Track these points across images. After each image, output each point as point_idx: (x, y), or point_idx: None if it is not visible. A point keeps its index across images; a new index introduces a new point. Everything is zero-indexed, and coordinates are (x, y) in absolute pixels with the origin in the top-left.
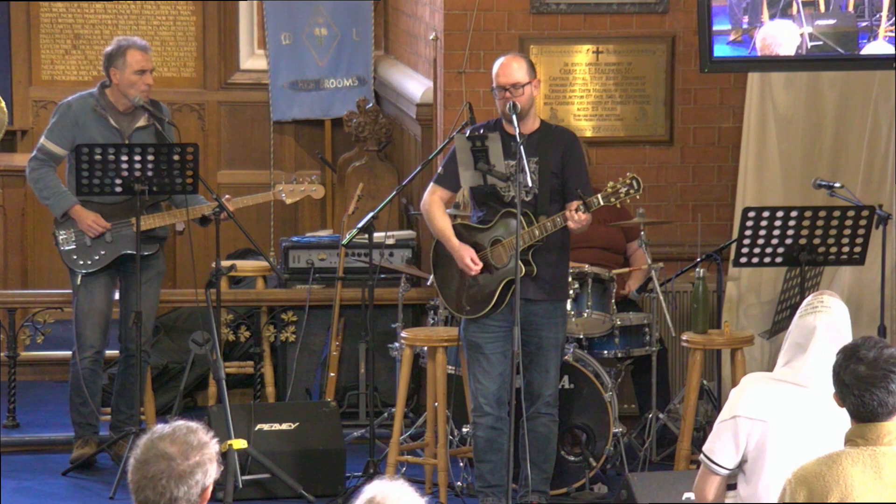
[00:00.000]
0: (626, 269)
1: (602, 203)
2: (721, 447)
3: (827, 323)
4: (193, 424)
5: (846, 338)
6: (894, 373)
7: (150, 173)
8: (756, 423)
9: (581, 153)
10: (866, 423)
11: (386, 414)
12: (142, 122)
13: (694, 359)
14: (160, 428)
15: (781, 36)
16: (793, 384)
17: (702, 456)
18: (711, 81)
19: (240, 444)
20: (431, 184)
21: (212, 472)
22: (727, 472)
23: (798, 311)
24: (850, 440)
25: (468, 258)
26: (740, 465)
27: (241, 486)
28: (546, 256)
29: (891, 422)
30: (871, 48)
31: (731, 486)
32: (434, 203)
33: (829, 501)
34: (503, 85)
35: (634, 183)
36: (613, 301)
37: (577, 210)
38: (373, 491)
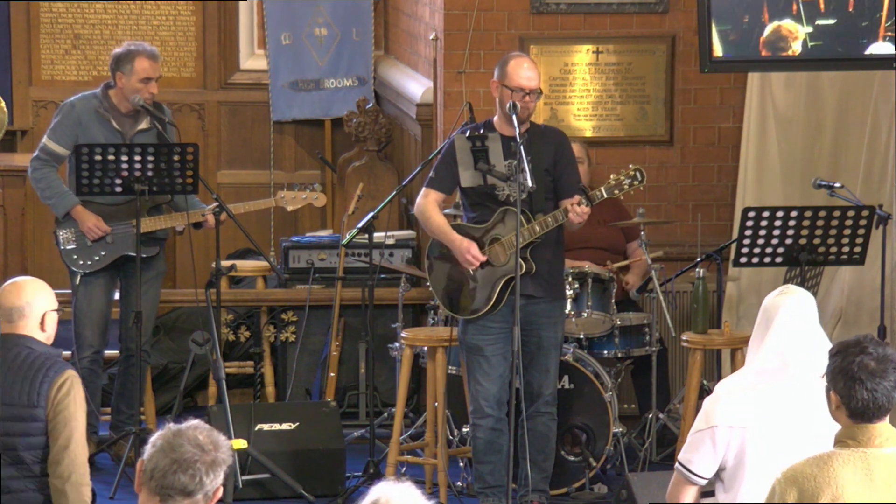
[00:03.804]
0: (624, 262)
1: (605, 195)
2: (699, 457)
3: (794, 302)
4: (208, 426)
5: (815, 321)
6: (894, 372)
7: (150, 173)
8: (735, 431)
9: (572, 151)
10: (860, 424)
11: (386, 414)
12: (144, 125)
13: (694, 359)
14: (178, 424)
15: (787, 35)
16: (766, 383)
17: (677, 465)
18: (711, 81)
19: (240, 444)
20: (424, 187)
21: (223, 475)
22: (705, 481)
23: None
24: (841, 441)
25: (470, 253)
26: (717, 473)
27: (241, 486)
28: (542, 253)
29: (882, 423)
30: (871, 48)
31: (708, 493)
32: (429, 204)
33: (820, 502)
34: (525, 88)
35: (637, 174)
36: (613, 301)
37: (579, 204)
38: (378, 493)
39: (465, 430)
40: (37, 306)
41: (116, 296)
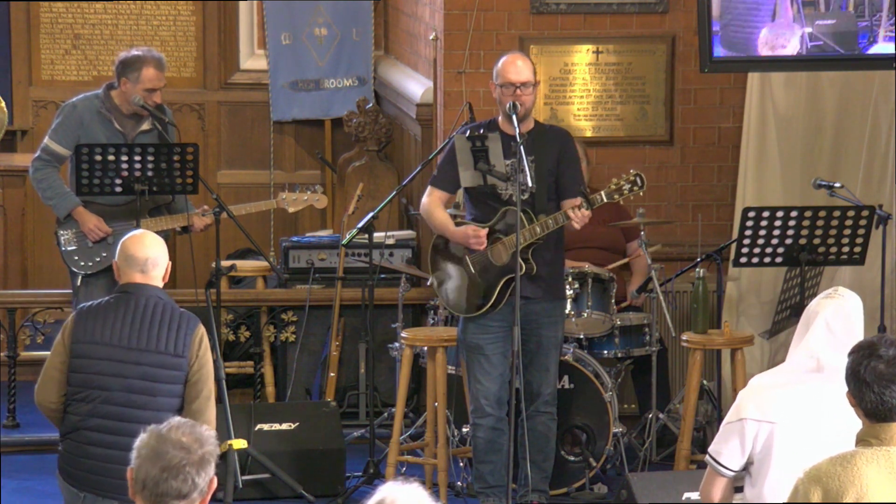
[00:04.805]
0: (623, 261)
1: (605, 200)
2: (727, 449)
3: (835, 307)
4: (191, 420)
5: (857, 327)
6: None
7: (150, 173)
8: (763, 425)
9: (576, 152)
10: (880, 423)
11: (386, 414)
12: (146, 126)
13: (694, 359)
14: (159, 426)
15: (786, 36)
16: (800, 382)
17: (707, 457)
18: (711, 81)
19: (240, 444)
20: (429, 186)
21: (214, 466)
22: (733, 473)
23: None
24: (863, 440)
25: (472, 236)
26: (746, 467)
27: (241, 486)
28: (543, 255)
29: None
30: (871, 48)
31: (738, 489)
32: (432, 202)
33: (845, 501)
34: (513, 82)
35: (638, 180)
36: (614, 301)
37: (579, 207)
38: (384, 492)
39: (465, 430)
40: (163, 257)
41: None
